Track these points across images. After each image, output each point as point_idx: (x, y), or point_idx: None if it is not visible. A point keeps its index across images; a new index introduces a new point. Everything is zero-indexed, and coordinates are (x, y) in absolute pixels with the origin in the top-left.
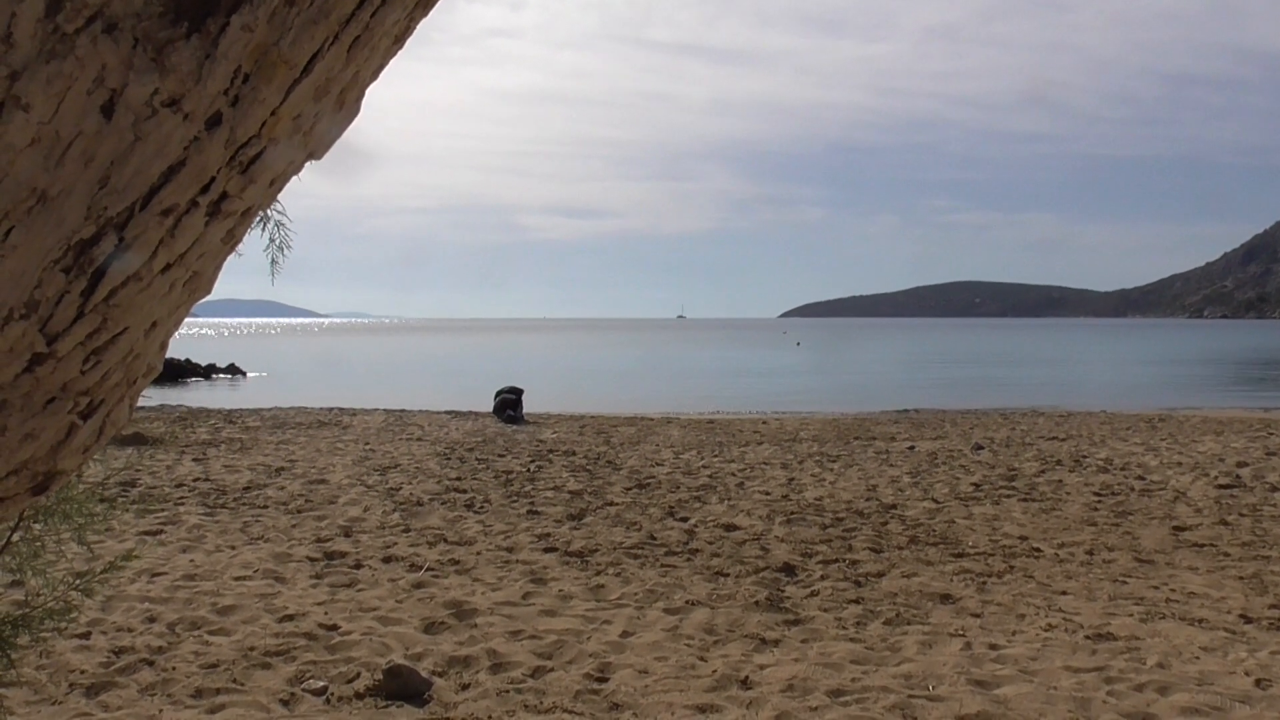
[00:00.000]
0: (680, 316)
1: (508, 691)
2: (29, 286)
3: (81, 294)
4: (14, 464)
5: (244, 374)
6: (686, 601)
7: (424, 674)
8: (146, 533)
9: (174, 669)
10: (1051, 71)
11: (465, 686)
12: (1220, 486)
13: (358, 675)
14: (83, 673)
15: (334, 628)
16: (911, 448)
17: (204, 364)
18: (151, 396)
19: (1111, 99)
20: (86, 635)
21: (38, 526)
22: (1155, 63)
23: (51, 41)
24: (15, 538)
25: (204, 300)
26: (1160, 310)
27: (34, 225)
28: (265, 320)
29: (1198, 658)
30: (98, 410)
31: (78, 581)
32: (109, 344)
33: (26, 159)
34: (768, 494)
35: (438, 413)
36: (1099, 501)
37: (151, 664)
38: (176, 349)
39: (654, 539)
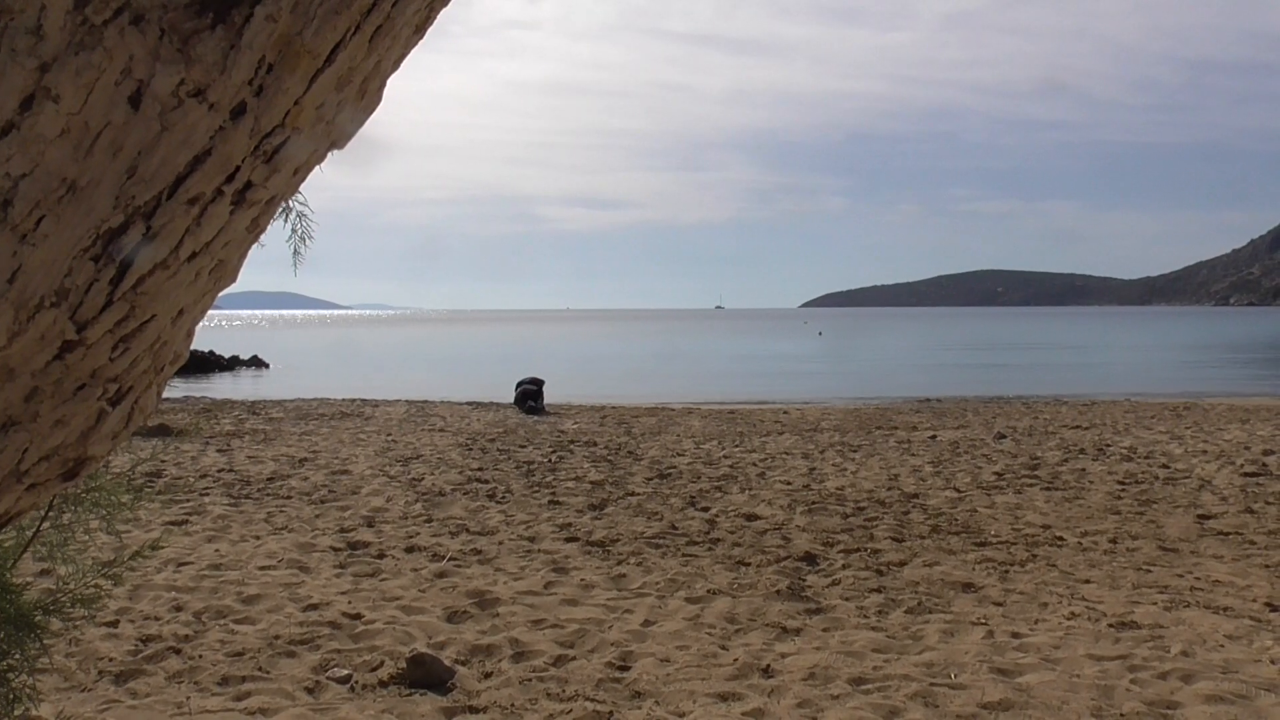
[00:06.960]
0: (718, 307)
1: (530, 680)
2: (59, 275)
3: (110, 282)
4: (45, 450)
5: (267, 365)
6: (708, 590)
7: (447, 663)
8: (172, 523)
9: (201, 657)
10: (1071, 59)
11: (488, 675)
12: (1246, 474)
13: (381, 664)
14: (111, 660)
15: (357, 617)
16: (933, 437)
17: (227, 355)
18: (176, 387)
19: (1133, 86)
20: (114, 624)
21: (67, 516)
22: (1177, 49)
23: (80, 33)
24: (45, 526)
25: (226, 292)
26: (1186, 298)
27: (64, 214)
28: (287, 312)
29: (1222, 646)
30: (126, 397)
31: (105, 569)
32: (137, 331)
33: (56, 149)
34: (789, 484)
35: (459, 404)
36: (1123, 490)
37: (178, 652)
38: (200, 340)
39: (675, 529)
